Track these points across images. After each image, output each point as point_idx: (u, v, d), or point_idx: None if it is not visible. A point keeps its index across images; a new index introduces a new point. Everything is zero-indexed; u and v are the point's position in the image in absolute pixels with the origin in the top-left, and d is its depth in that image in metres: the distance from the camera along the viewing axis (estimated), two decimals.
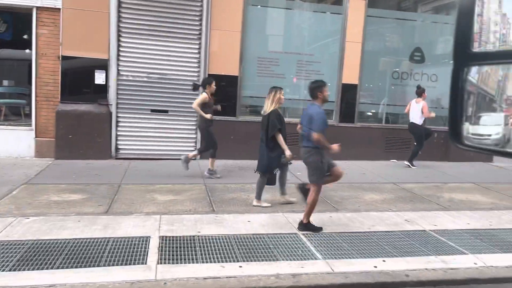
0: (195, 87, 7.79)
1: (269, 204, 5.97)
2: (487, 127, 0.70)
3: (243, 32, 9.03)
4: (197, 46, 8.88)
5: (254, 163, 8.90)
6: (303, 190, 5.39)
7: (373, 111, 10.30)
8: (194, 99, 7.62)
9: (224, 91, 9.15)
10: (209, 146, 7.36)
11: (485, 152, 0.62)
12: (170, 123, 8.96)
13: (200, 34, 8.83)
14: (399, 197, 6.80)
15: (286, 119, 9.60)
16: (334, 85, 9.69)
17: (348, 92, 9.75)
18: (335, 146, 4.93)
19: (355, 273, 4.00)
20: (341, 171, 5.28)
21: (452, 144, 0.65)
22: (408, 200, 6.66)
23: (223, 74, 9.00)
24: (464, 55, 0.60)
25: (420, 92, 9.06)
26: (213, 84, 7.36)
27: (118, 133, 8.79)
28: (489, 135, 0.66)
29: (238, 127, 9.20)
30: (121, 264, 3.92)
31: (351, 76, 9.67)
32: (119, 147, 8.82)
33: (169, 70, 8.83)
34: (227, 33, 8.95)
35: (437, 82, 10.11)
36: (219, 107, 7.78)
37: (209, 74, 8.85)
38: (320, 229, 5.04)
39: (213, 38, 8.89)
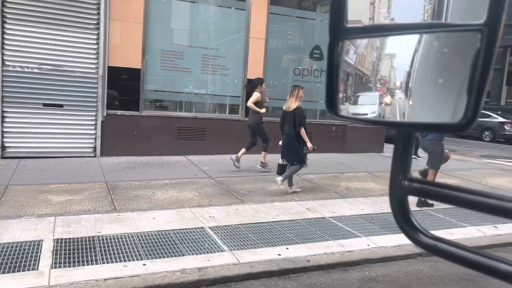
0: (247, 86, 8.77)
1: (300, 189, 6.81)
2: (364, 106, 0.74)
3: (146, 23, 8.71)
4: (95, 37, 8.34)
5: (158, 159, 8.72)
6: (424, 174, 6.26)
7: (277, 106, 10.63)
8: (93, 92, 7.16)
9: (126, 84, 8.76)
10: (254, 142, 8.08)
11: (359, 122, 0.66)
12: (66, 118, 8.30)
13: (98, 24, 8.30)
14: (301, 187, 7.12)
15: (193, 114, 9.55)
16: (239, 80, 9.82)
17: (253, 87, 9.92)
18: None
19: (260, 262, 4.09)
20: (449, 155, 6.97)
21: (330, 115, 0.68)
22: (309, 190, 7.01)
23: (124, 66, 8.60)
24: (339, 29, 0.63)
25: None
26: (264, 84, 8.24)
27: (4, 130, 7.92)
28: (366, 114, 0.69)
29: (142, 122, 8.88)
30: (8, 272, 3.54)
31: (255, 72, 9.87)
32: (6, 145, 7.96)
33: (63, 61, 8.17)
34: (128, 24, 8.55)
35: None
36: (267, 99, 8.59)
37: (109, 67, 8.40)
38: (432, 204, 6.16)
39: (113, 29, 8.43)
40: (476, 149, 14.54)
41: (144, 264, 3.86)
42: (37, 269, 3.62)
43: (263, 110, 8.01)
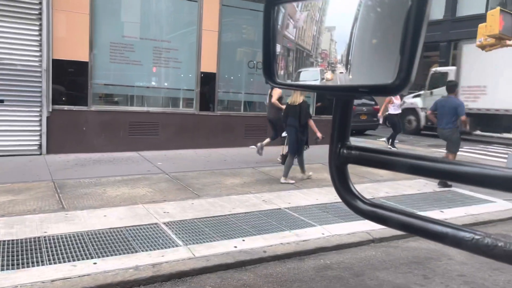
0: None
1: (293, 181, 7.02)
2: (306, 82, 0.72)
3: (93, 14, 8.35)
4: (37, 28, 7.89)
5: (110, 155, 8.42)
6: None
7: (231, 99, 10.59)
8: (36, 86, 6.77)
9: (73, 78, 8.39)
10: (277, 135, 8.46)
11: (295, 88, 0.63)
12: (7, 114, 7.80)
13: (40, 14, 7.85)
14: (257, 180, 7.13)
15: (145, 108, 9.30)
16: (193, 74, 9.67)
17: (207, 80, 9.83)
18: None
19: (216, 255, 4.05)
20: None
21: (267, 82, 0.65)
22: (265, 182, 7.03)
23: (70, 59, 8.21)
24: None
25: None
26: None
27: None
28: (304, 81, 0.67)
29: (91, 117, 8.53)
30: None
31: (209, 65, 9.76)
32: None
33: (3, 53, 7.67)
34: (73, 14, 8.16)
35: None
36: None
37: (53, 60, 7.99)
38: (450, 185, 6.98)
39: (57, 20, 8.01)
40: (424, 140, 15.20)
41: (94, 263, 3.71)
42: None
43: (283, 107, 8.21)
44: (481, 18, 10.26)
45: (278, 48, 0.72)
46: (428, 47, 24.06)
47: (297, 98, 6.84)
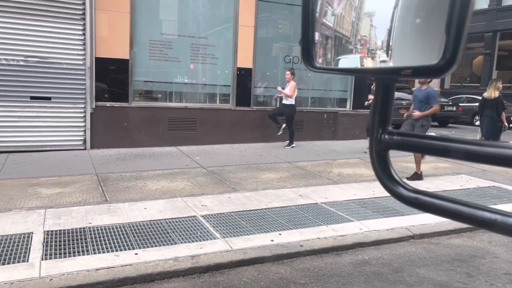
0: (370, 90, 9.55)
1: None
2: (346, 66, 0.71)
3: (133, 13, 8.59)
4: (81, 27, 8.21)
5: (149, 150, 8.65)
6: None
7: (268, 94, 10.60)
8: (81, 84, 7.04)
9: (115, 75, 8.66)
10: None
11: (335, 72, 0.63)
12: (54, 111, 8.20)
13: (84, 14, 8.16)
14: (293, 174, 7.12)
15: (183, 104, 9.46)
16: (230, 70, 9.75)
17: (244, 76, 9.88)
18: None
19: (253, 248, 4.08)
20: None
21: (306, 67, 0.65)
22: (301, 177, 7.01)
23: (112, 57, 8.49)
24: None
25: None
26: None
27: None
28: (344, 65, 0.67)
29: (132, 113, 8.80)
30: None
31: (245, 60, 9.80)
32: None
33: (50, 53, 8.04)
34: (115, 14, 8.43)
35: None
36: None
37: (96, 58, 8.29)
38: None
39: (99, 19, 8.30)
40: (467, 134, 14.63)
41: (136, 254, 3.83)
42: (28, 261, 3.58)
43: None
44: None
45: (317, 35, 0.71)
46: (472, 38, 23.06)
47: (492, 93, 8.09)
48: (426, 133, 6.46)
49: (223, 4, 9.80)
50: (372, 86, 8.84)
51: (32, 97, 8.01)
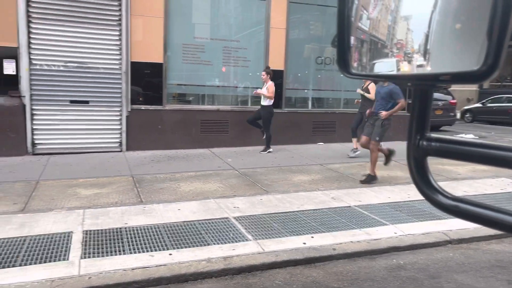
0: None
1: None
2: (383, 72, 0.71)
3: (166, 18, 8.77)
4: (117, 33, 8.46)
5: (183, 152, 8.80)
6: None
7: (299, 96, 10.56)
8: (117, 88, 7.26)
9: (149, 79, 8.87)
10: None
11: (371, 78, 0.63)
12: (92, 114, 8.49)
13: (120, 20, 8.41)
14: (325, 177, 7.05)
15: (215, 106, 9.55)
16: (261, 72, 9.76)
17: (275, 78, 9.87)
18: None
19: (285, 250, 4.08)
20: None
21: (342, 73, 0.65)
22: (334, 179, 6.93)
23: (147, 61, 8.70)
24: None
25: None
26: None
27: (34, 127, 8.16)
28: (380, 71, 0.66)
29: (166, 116, 8.97)
30: (40, 263, 3.65)
31: (277, 62, 9.80)
32: (36, 142, 8.21)
33: (87, 58, 8.33)
34: (149, 19, 8.63)
35: None
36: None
37: (132, 62, 8.52)
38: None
39: (134, 24, 8.53)
40: (508, 135, 14.05)
41: (170, 254, 3.91)
42: (68, 259, 3.72)
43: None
44: None
45: (352, 39, 0.71)
46: None
47: None
48: (461, 137, 6.16)
49: (254, 7, 9.85)
50: (363, 86, 8.50)
51: (71, 101, 8.32)
